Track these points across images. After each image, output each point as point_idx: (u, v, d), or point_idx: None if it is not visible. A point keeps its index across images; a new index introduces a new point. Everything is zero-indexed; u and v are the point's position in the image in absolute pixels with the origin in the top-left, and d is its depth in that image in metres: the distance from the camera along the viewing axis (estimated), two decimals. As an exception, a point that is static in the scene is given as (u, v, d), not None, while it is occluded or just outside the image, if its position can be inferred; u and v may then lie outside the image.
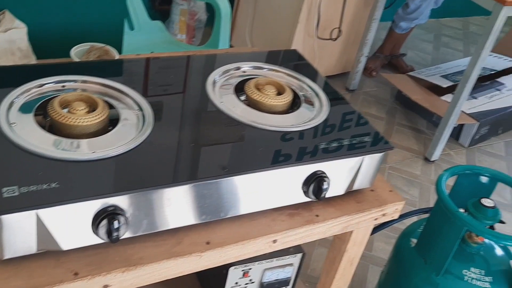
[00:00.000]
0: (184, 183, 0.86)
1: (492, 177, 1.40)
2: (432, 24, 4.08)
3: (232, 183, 0.91)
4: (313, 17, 2.58)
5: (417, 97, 2.75)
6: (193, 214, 0.91)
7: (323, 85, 1.20)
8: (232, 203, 0.94)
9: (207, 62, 1.21)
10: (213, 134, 1.00)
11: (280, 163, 0.95)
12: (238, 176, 0.91)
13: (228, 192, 0.92)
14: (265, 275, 1.24)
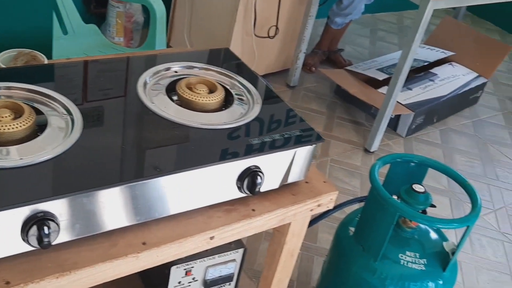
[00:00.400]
0: (116, 185, 0.86)
1: (422, 163, 1.46)
2: (367, 19, 4.19)
3: (165, 182, 0.92)
4: (250, 16, 2.60)
5: (355, 91, 2.82)
6: (127, 215, 0.91)
7: (256, 82, 1.22)
8: (166, 203, 0.95)
9: (138, 64, 1.21)
10: (145, 135, 1.00)
11: (213, 161, 0.96)
12: (170, 175, 0.91)
13: (161, 192, 0.92)
14: (208, 272, 1.25)
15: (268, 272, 1.30)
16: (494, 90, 3.56)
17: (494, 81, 3.64)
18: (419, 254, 1.36)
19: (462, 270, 2.09)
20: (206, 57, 1.27)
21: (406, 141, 2.82)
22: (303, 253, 1.99)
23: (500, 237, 2.31)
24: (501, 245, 2.26)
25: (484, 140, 2.99)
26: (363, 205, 1.40)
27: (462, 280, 2.04)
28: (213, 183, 0.99)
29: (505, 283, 2.07)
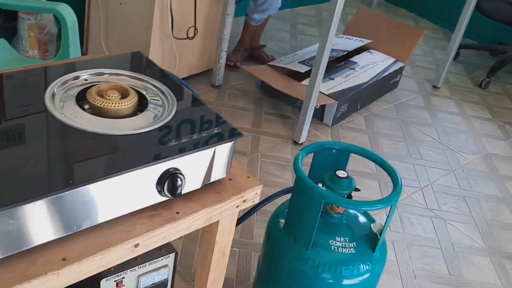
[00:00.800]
0: (28, 201, 0.83)
1: (343, 149, 1.49)
2: (287, 14, 4.24)
3: (80, 194, 0.89)
4: (167, 18, 2.57)
5: (279, 85, 2.85)
6: (44, 231, 0.88)
7: (170, 83, 1.20)
8: (85, 214, 0.92)
9: (45, 75, 1.17)
10: (57, 147, 0.97)
11: (129, 167, 0.94)
12: (85, 186, 0.89)
13: (78, 204, 0.89)
14: (141, 281, 1.22)
15: (201, 273, 1.29)
16: (412, 73, 3.70)
17: (411, 65, 3.79)
18: (348, 238, 1.40)
19: (394, 248, 2.16)
20: (116, 63, 1.24)
21: (332, 130, 2.88)
22: (240, 250, 2.00)
23: (428, 213, 2.40)
24: (430, 221, 2.35)
25: (407, 122, 3.10)
26: (290, 196, 1.42)
27: (395, 259, 2.11)
28: (132, 189, 0.97)
29: (436, 257, 2.16)
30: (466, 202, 2.52)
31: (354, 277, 1.38)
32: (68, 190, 0.87)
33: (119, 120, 1.06)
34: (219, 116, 1.15)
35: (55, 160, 0.94)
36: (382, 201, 1.31)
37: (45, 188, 0.86)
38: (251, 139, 2.66)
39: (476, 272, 2.13)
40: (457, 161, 2.82)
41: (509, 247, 2.29)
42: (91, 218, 0.93)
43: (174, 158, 1.00)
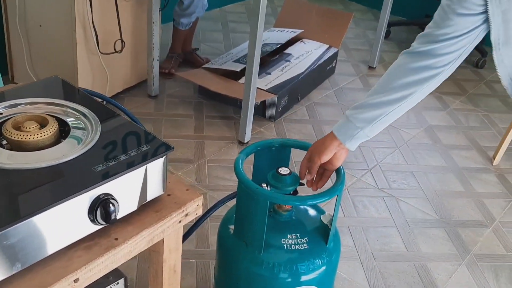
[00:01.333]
0: None
1: (282, 145, 1.47)
2: (217, 14, 4.21)
3: (6, 237, 0.83)
4: (91, 34, 2.49)
5: (216, 87, 2.82)
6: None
7: (91, 104, 1.15)
8: (14, 258, 0.86)
9: (-45, 114, 1.09)
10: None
11: (55, 200, 0.88)
12: (11, 227, 0.83)
13: (5, 247, 0.84)
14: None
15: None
16: (347, 57, 3.73)
17: (345, 49, 3.83)
18: (299, 234, 1.38)
19: (351, 234, 2.17)
20: (32, 91, 1.18)
21: (276, 124, 2.87)
22: (197, 260, 1.96)
23: (379, 193, 2.42)
24: (382, 201, 2.38)
25: (348, 106, 3.11)
26: (236, 200, 1.39)
27: (353, 244, 2.12)
28: (64, 223, 0.92)
29: (392, 236, 2.18)
30: (415, 176, 2.56)
31: (311, 272, 1.37)
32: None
33: (41, 151, 1.00)
34: (147, 132, 1.11)
35: (-27, 205, 0.87)
36: (327, 193, 1.30)
37: (-37, 238, 0.80)
38: (196, 146, 2.62)
39: (433, 244, 2.16)
40: (401, 138, 2.86)
41: (461, 214, 2.34)
42: (22, 260, 0.87)
43: (103, 184, 0.95)
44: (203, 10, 3.09)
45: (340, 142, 1.32)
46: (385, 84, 1.28)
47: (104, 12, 2.53)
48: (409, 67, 1.24)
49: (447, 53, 1.19)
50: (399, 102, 1.27)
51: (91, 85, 2.64)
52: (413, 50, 1.24)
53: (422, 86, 1.25)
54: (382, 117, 1.29)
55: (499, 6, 1.09)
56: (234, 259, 1.40)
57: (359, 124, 1.30)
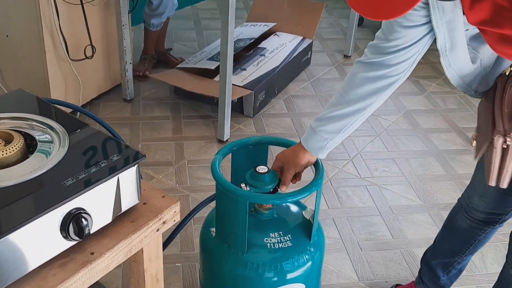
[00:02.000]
0: None
1: (259, 143, 1.45)
2: (188, 12, 4.17)
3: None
4: (59, 41, 2.44)
5: (192, 87, 2.79)
6: None
7: (58, 117, 1.12)
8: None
9: None
10: None
11: (25, 218, 0.85)
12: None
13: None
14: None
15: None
16: (321, 47, 3.72)
17: (320, 39, 3.81)
18: (282, 232, 1.36)
19: (336, 225, 2.16)
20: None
21: (255, 120, 2.85)
22: (183, 264, 1.93)
23: (362, 182, 2.42)
24: (365, 190, 2.37)
25: (325, 96, 3.11)
26: (215, 203, 1.37)
27: (339, 236, 2.11)
28: (35, 242, 0.89)
29: (377, 224, 2.18)
30: (396, 163, 2.56)
31: (297, 269, 1.35)
32: (-43, 262, 0.78)
33: (8, 169, 0.97)
34: (118, 141, 1.08)
35: None
36: (306, 189, 1.28)
37: None
38: (175, 147, 2.59)
39: (418, 229, 2.16)
40: (380, 125, 2.86)
41: (443, 197, 2.35)
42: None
43: (74, 198, 0.92)
44: (173, 9, 3.05)
45: (311, 154, 1.35)
46: (345, 95, 1.29)
47: (71, 18, 2.48)
48: (365, 76, 1.25)
49: (400, 62, 1.22)
50: (361, 112, 1.29)
51: (64, 93, 2.60)
52: (367, 60, 1.25)
53: (381, 94, 1.27)
54: (348, 126, 1.31)
55: (442, 17, 1.12)
56: (218, 262, 1.38)
57: (326, 136, 1.32)
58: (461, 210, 1.58)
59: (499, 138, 1.12)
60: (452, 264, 1.67)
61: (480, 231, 1.56)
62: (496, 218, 1.51)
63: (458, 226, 1.60)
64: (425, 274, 1.74)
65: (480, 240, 1.60)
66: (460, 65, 1.21)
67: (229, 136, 2.65)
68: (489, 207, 1.48)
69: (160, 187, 2.22)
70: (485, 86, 1.29)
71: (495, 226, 1.54)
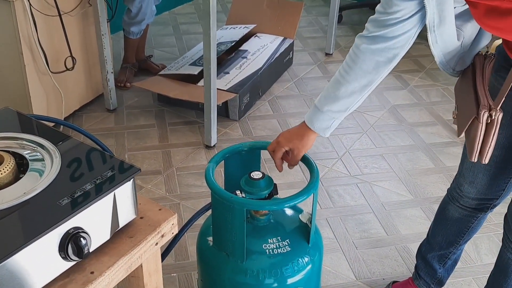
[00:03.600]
0: None
1: (251, 148, 1.44)
2: (166, 17, 4.14)
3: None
4: (38, 54, 2.40)
5: (175, 93, 2.76)
6: None
7: (47, 133, 1.09)
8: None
9: None
10: None
11: (23, 242, 0.83)
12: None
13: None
14: None
15: (139, 320, 1.19)
16: (302, 46, 3.72)
17: (300, 38, 3.81)
18: (280, 237, 1.35)
19: (330, 225, 2.15)
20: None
21: (241, 123, 2.83)
22: (179, 274, 1.91)
23: (352, 180, 2.42)
24: (356, 188, 2.37)
25: (310, 95, 3.11)
26: (211, 212, 1.35)
27: (333, 235, 2.10)
28: (34, 265, 0.86)
29: (370, 222, 2.18)
30: (385, 159, 2.57)
31: (297, 273, 1.34)
32: (-46, 292, 0.75)
33: (0, 191, 0.94)
34: (111, 155, 1.06)
35: None
36: (303, 193, 1.27)
37: None
38: (162, 155, 2.56)
39: (411, 224, 2.17)
40: (366, 122, 2.86)
41: (434, 191, 2.36)
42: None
43: (71, 217, 0.90)
44: (153, 16, 3.01)
45: (317, 134, 1.35)
46: (351, 72, 1.30)
47: (49, 30, 2.44)
48: (369, 49, 1.27)
49: (401, 34, 1.24)
50: (367, 88, 1.31)
51: (46, 106, 2.55)
52: (369, 34, 1.27)
53: (385, 68, 1.29)
54: (354, 103, 1.33)
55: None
56: (216, 271, 1.37)
57: (334, 115, 1.33)
58: (452, 200, 1.59)
59: (485, 113, 1.17)
60: (447, 255, 1.68)
61: (473, 218, 1.58)
62: (487, 203, 1.53)
63: (451, 216, 1.61)
64: (422, 268, 1.74)
65: (473, 228, 1.62)
66: (446, 40, 1.24)
67: (216, 141, 2.63)
68: (480, 193, 1.51)
69: (150, 197, 2.20)
70: (462, 65, 1.34)
71: (487, 212, 1.57)
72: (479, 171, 1.46)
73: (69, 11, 2.51)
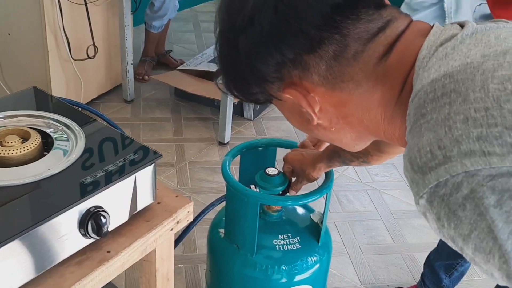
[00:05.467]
0: None
1: (269, 145, 1.46)
2: (187, 14, 4.18)
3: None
4: (62, 41, 2.44)
5: (193, 89, 2.79)
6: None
7: (73, 114, 1.12)
8: (5, 277, 0.83)
9: None
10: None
11: (44, 217, 0.85)
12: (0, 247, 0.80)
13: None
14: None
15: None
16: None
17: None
18: (291, 234, 1.37)
19: (337, 229, 2.17)
20: (10, 103, 1.14)
21: (255, 123, 2.86)
22: (186, 265, 1.93)
23: (363, 187, 2.43)
24: (366, 194, 2.39)
25: (325, 101, 3.12)
26: (225, 204, 1.37)
27: (340, 239, 2.12)
28: (53, 240, 0.88)
29: (378, 228, 2.19)
30: (396, 168, 2.58)
31: (305, 271, 1.36)
32: (-21, 258, 0.78)
33: (25, 166, 0.97)
34: (133, 140, 1.08)
35: (-42, 227, 0.84)
36: (317, 191, 1.29)
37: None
38: (176, 149, 2.59)
39: (418, 234, 2.18)
40: (380, 130, 2.87)
41: (444, 203, 2.36)
42: (13, 281, 0.84)
43: (92, 196, 0.92)
44: (175, 11, 3.05)
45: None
46: None
47: (74, 18, 2.48)
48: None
49: (430, 20, 1.29)
50: None
51: (65, 92, 2.59)
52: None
53: None
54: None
55: None
56: (226, 263, 1.39)
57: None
58: None
59: None
60: (454, 266, 1.69)
61: None
62: None
63: None
64: (428, 276, 1.75)
65: None
66: None
67: (230, 139, 2.66)
68: None
69: (162, 188, 2.22)
70: None
71: None
72: None
73: (95, 0, 2.55)
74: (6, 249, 0.81)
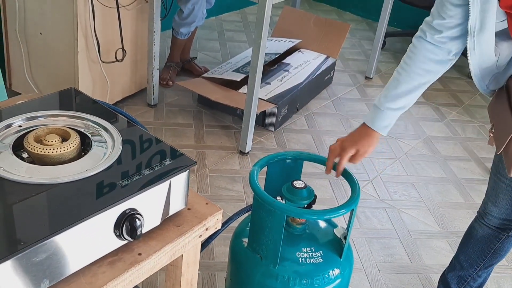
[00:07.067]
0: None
1: (295, 158, 1.47)
2: (213, 23, 4.21)
3: (32, 255, 0.82)
4: (92, 43, 2.48)
5: (217, 97, 2.81)
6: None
7: (110, 117, 1.14)
8: (39, 275, 0.85)
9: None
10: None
11: (80, 217, 0.87)
12: (35, 246, 0.82)
13: (30, 265, 0.82)
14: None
15: (170, 308, 1.23)
16: (343, 67, 3.75)
17: (342, 59, 3.84)
18: (314, 248, 1.38)
19: (355, 245, 2.17)
20: (49, 103, 1.17)
21: (276, 134, 2.87)
22: (203, 272, 1.94)
23: (381, 205, 2.43)
24: (384, 212, 2.38)
25: (346, 116, 3.14)
26: (251, 214, 1.39)
27: (357, 255, 2.12)
28: (89, 239, 0.90)
29: (395, 247, 2.19)
30: (415, 187, 2.57)
31: (326, 285, 1.36)
32: (18, 253, 0.80)
33: (64, 165, 0.99)
34: (167, 145, 1.11)
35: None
36: (343, 207, 1.30)
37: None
38: (197, 155, 2.61)
39: (436, 255, 2.17)
40: (400, 149, 2.88)
41: (461, 226, 2.36)
42: (50, 277, 0.86)
43: (129, 199, 0.94)
44: (203, 19, 3.08)
45: (379, 133, 1.44)
46: (410, 71, 1.39)
47: (106, 21, 2.52)
48: (426, 49, 1.36)
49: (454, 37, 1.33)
50: (423, 86, 1.41)
51: (91, 93, 2.62)
52: (426, 39, 1.37)
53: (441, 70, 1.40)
54: (411, 102, 1.43)
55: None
56: (248, 272, 1.40)
57: (393, 113, 1.42)
58: (478, 218, 1.66)
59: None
60: (467, 279, 1.70)
61: (495, 239, 1.61)
62: (509, 224, 1.58)
63: (475, 234, 1.66)
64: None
65: (495, 252, 1.64)
66: (483, 49, 1.31)
67: (251, 148, 2.67)
68: (502, 213, 1.56)
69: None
70: (496, 85, 1.41)
71: (509, 233, 1.59)
72: (501, 191, 1.51)
73: (127, 5, 2.59)
74: (48, 244, 0.83)
